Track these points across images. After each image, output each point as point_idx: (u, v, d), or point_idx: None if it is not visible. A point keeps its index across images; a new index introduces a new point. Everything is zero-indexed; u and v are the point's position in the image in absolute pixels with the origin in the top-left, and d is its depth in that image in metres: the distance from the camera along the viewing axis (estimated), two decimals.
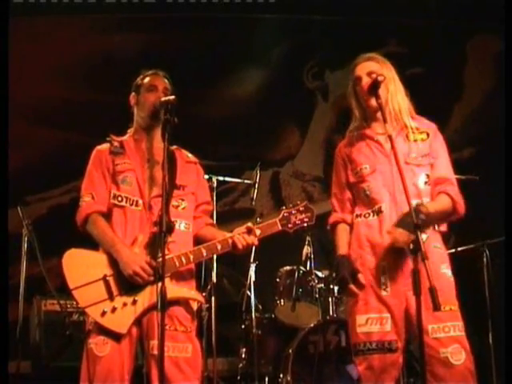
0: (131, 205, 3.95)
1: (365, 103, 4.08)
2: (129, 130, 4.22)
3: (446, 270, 3.95)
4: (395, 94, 4.08)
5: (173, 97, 3.93)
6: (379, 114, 4.03)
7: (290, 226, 4.01)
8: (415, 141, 4.03)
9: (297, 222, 4.02)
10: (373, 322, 3.87)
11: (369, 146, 4.11)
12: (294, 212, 4.03)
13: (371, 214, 4.01)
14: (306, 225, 4.09)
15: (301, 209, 4.05)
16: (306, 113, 8.36)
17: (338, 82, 7.60)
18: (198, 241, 4.06)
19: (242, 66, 8.39)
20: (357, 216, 4.07)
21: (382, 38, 8.31)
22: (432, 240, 3.94)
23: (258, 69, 8.45)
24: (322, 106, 8.26)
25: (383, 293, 3.88)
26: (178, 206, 4.02)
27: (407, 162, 3.96)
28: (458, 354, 3.75)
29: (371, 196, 4.01)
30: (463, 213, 4.06)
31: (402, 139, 4.03)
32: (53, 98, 7.99)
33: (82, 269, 3.79)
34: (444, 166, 4.10)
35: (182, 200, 4.05)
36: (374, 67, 4.10)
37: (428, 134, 4.10)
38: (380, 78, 3.87)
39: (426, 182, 3.95)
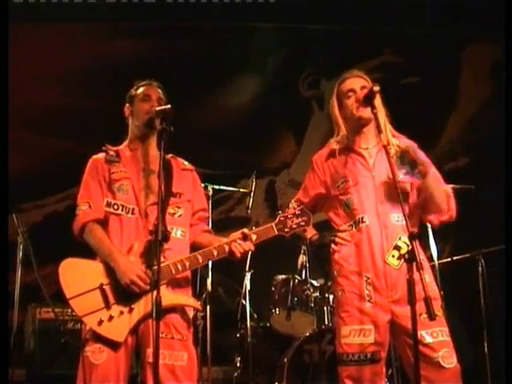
0: (127, 213, 3.96)
1: (355, 115, 4.13)
2: (124, 142, 4.23)
3: (430, 279, 4.01)
4: (381, 111, 4.11)
5: (168, 106, 3.95)
6: (365, 129, 4.17)
7: (286, 230, 3.99)
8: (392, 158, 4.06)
9: (293, 226, 3.99)
10: (356, 333, 3.95)
11: (352, 159, 4.18)
12: (290, 216, 4.01)
13: (352, 226, 4.09)
14: (302, 229, 4.09)
15: (297, 213, 4.02)
16: (301, 121, 8.39)
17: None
18: (194, 248, 4.07)
19: (238, 74, 8.42)
20: (338, 231, 4.14)
21: (378, 48, 8.39)
22: None
23: (254, 77, 8.47)
24: (317, 114, 8.30)
25: (367, 304, 3.96)
26: (174, 214, 4.03)
27: (390, 178, 3.98)
28: (450, 358, 3.85)
29: (352, 207, 4.10)
30: (453, 216, 4.13)
31: (384, 155, 4.04)
32: (49, 106, 8.00)
33: (79, 278, 3.79)
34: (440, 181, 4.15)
35: (179, 207, 4.06)
36: (365, 83, 4.17)
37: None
38: (376, 89, 3.90)
39: (406, 201, 3.98)
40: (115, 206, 3.98)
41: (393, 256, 3.98)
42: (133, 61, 7.95)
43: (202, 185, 4.51)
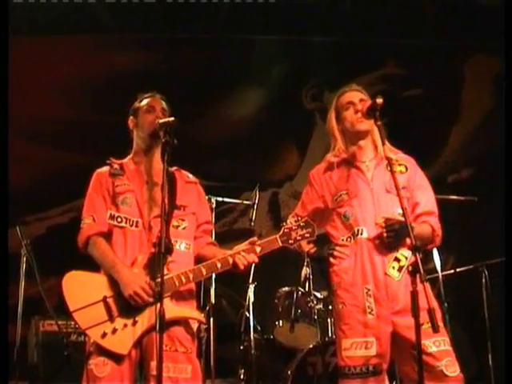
0: (131, 225, 3.97)
1: (356, 128, 4.18)
2: (129, 155, 4.24)
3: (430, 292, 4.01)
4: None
5: (172, 118, 3.96)
6: (363, 142, 4.22)
7: (290, 241, 3.98)
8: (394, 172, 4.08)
9: (297, 238, 3.99)
10: (357, 346, 3.95)
11: (350, 172, 4.21)
12: (294, 228, 4.00)
13: (351, 238, 4.11)
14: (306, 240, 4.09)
15: (301, 224, 4.01)
16: (304, 133, 8.38)
17: None
18: (199, 260, 4.06)
19: (242, 86, 8.43)
20: (336, 244, 4.16)
21: (381, 60, 8.39)
22: None
23: (257, 89, 8.48)
24: (320, 126, 8.24)
25: (369, 316, 3.97)
26: (178, 226, 4.03)
27: (387, 191, 4.09)
28: (453, 366, 3.85)
29: (350, 220, 4.12)
30: (439, 244, 4.19)
31: (382, 168, 4.16)
32: (52, 118, 8.02)
33: (82, 291, 3.79)
34: (430, 201, 4.21)
35: (183, 220, 4.07)
36: (364, 97, 4.23)
37: (407, 168, 4.22)
38: (379, 101, 3.91)
39: (401, 214, 3.93)
40: (119, 219, 3.99)
41: (393, 268, 4.00)
42: (135, 73, 7.97)
43: (206, 197, 4.52)
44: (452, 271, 6.38)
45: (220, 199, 6.19)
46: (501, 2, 5.86)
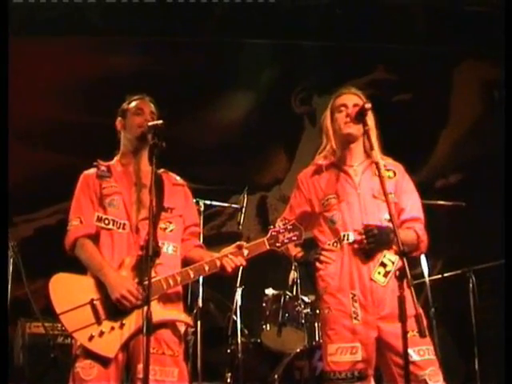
0: (118, 228, 3.96)
1: (343, 131, 4.18)
2: (116, 157, 4.24)
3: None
4: (372, 129, 4.13)
5: (160, 121, 3.97)
6: (352, 146, 4.22)
7: (278, 244, 3.98)
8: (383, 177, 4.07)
9: (285, 241, 3.98)
10: (343, 351, 3.95)
11: (337, 176, 4.23)
12: (282, 231, 4.00)
13: (337, 243, 4.11)
14: (294, 243, 4.09)
15: (289, 227, 4.01)
16: (293, 137, 8.39)
17: (326, 106, 7.65)
18: (186, 263, 4.05)
19: (231, 89, 8.41)
20: (323, 249, 4.16)
21: (370, 64, 8.41)
22: None
23: (245, 93, 8.48)
24: (309, 130, 8.28)
25: (354, 321, 3.97)
26: (165, 229, 4.03)
27: (375, 196, 4.09)
28: (436, 376, 3.86)
29: (337, 225, 4.12)
30: (425, 251, 4.21)
31: (370, 173, 4.17)
32: (43, 119, 8.00)
33: (69, 293, 3.78)
34: (415, 207, 4.22)
35: (170, 222, 4.06)
36: (358, 102, 4.20)
37: (395, 173, 4.23)
38: (368, 106, 3.94)
39: (388, 220, 3.97)
40: (106, 221, 3.97)
41: (379, 273, 4.00)
42: (127, 75, 7.97)
43: (194, 200, 4.52)
44: (439, 276, 6.38)
45: (208, 202, 6.18)
46: (501, 8, 5.86)
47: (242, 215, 6.34)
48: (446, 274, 6.38)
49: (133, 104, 4.22)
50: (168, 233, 4.03)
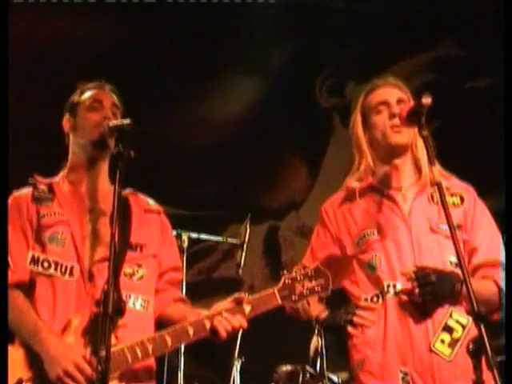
0: (63, 273, 3.92)
1: (390, 140, 4.16)
2: (61, 172, 4.22)
3: None
4: (428, 136, 4.10)
5: (127, 120, 3.92)
6: (399, 161, 4.22)
7: (294, 298, 3.90)
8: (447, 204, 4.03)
9: (304, 293, 3.91)
10: None
11: (379, 204, 4.22)
12: (299, 278, 3.93)
13: (379, 297, 4.10)
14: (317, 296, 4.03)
15: (310, 273, 3.94)
16: (318, 142, 8.42)
17: None
18: (161, 324, 4.05)
19: (229, 75, 8.45)
20: (358, 307, 4.15)
21: (432, 36, 8.33)
22: None
23: (250, 79, 8.53)
24: (340, 132, 8.27)
25: None
26: (132, 275, 4.01)
27: (433, 230, 4.08)
28: None
29: (378, 271, 4.11)
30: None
31: (424, 198, 4.17)
32: None
33: None
34: (494, 247, 4.16)
35: (139, 266, 4.04)
36: (403, 96, 4.22)
37: (462, 199, 4.20)
38: (427, 101, 3.84)
39: (456, 264, 3.93)
40: (45, 264, 3.94)
41: (442, 341, 3.95)
42: (79, 45, 7.95)
43: (174, 232, 4.50)
44: None
45: (194, 235, 6.21)
46: None
47: (243, 254, 6.37)
48: None
49: (87, 95, 4.21)
50: (136, 281, 4.01)
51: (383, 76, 4.36)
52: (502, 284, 4.06)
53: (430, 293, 3.92)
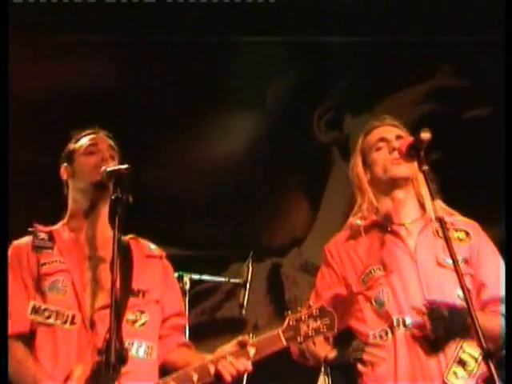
0: (64, 322, 3.94)
1: (390, 173, 4.23)
2: (62, 220, 4.25)
3: None
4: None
5: (125, 166, 3.96)
6: (402, 195, 4.27)
7: (299, 339, 3.89)
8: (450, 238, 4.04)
9: (310, 333, 3.88)
10: None
11: (382, 240, 4.26)
12: (304, 318, 3.91)
13: (388, 332, 4.11)
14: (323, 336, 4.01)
15: (315, 313, 3.90)
16: (317, 177, 8.41)
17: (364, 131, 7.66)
18: (165, 370, 4.06)
19: (225, 109, 8.41)
20: (367, 344, 4.15)
21: (430, 65, 8.32)
22: None
23: (247, 113, 8.50)
24: (340, 166, 8.20)
25: None
26: (135, 322, 4.03)
27: (440, 264, 4.11)
28: None
29: (386, 306, 4.13)
30: None
31: (430, 233, 4.21)
32: None
33: None
34: (501, 283, 4.16)
35: (142, 312, 4.06)
36: (402, 134, 4.30)
37: (467, 234, 4.25)
38: (426, 136, 3.90)
39: (462, 299, 3.89)
40: (46, 313, 3.96)
41: (455, 374, 3.97)
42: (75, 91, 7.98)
43: (175, 274, 4.51)
44: None
45: (196, 277, 6.17)
46: None
47: (246, 293, 6.33)
48: None
49: (82, 142, 4.27)
50: (138, 327, 4.03)
51: (381, 117, 4.39)
52: (502, 293, 4.09)
53: (441, 327, 3.95)
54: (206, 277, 6.36)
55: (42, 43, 8.17)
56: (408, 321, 4.06)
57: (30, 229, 4.19)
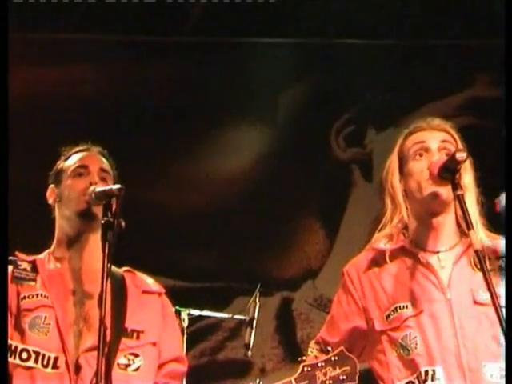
0: (45, 366, 3.88)
1: (423, 192, 4.06)
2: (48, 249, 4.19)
3: None
4: (470, 191, 4.07)
5: (117, 186, 3.87)
6: (437, 220, 4.11)
7: None
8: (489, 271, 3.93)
9: (327, 382, 3.81)
10: None
11: (412, 270, 4.14)
12: (320, 364, 3.82)
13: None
14: None
15: (333, 358, 3.83)
16: (335, 200, 8.39)
17: (389, 149, 7.63)
18: None
19: (231, 123, 8.42)
20: None
21: (466, 75, 8.33)
22: None
23: (254, 127, 8.49)
24: (362, 188, 8.29)
25: None
26: (127, 366, 3.97)
27: (477, 302, 3.99)
28: None
29: (413, 354, 4.01)
30: None
31: (465, 263, 4.09)
32: None
33: None
34: None
35: (136, 356, 4.00)
36: (450, 141, 4.14)
37: None
38: (461, 156, 3.80)
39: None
40: (23, 355, 3.90)
41: None
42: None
43: (173, 309, 4.45)
44: None
45: (195, 312, 6.16)
46: None
47: (253, 332, 6.33)
48: None
49: (72, 160, 4.22)
50: (131, 373, 3.98)
51: (430, 118, 4.26)
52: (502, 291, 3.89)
53: None
54: (206, 312, 6.35)
55: (42, 43, 8.24)
56: (439, 373, 3.94)
57: (10, 257, 4.09)
